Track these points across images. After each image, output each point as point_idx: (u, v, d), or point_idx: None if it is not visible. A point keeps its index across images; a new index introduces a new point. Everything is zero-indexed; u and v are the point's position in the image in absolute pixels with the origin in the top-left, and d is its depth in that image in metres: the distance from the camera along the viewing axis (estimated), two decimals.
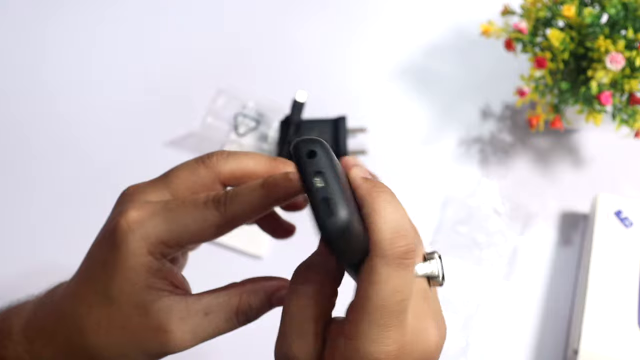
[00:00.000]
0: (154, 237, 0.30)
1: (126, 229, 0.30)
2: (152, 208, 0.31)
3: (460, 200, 0.63)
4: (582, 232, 0.62)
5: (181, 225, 0.30)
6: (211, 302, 0.32)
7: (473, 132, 0.68)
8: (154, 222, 0.30)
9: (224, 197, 0.31)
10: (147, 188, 0.33)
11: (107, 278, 0.30)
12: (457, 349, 0.57)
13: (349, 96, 0.71)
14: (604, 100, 0.56)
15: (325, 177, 0.27)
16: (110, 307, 0.30)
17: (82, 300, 0.31)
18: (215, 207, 0.31)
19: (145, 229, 0.30)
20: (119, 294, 0.30)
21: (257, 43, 0.75)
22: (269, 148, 0.66)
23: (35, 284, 0.37)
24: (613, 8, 0.56)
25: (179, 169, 0.33)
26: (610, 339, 0.52)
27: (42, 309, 0.33)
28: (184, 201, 0.31)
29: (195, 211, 0.30)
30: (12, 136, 0.69)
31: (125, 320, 0.30)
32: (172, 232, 0.30)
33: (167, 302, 0.31)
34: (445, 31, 0.75)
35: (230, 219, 0.31)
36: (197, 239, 0.31)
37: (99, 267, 0.31)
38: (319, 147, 0.28)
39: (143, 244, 0.30)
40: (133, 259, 0.30)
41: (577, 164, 0.66)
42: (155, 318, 0.30)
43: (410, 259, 0.28)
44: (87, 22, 0.77)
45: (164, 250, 0.31)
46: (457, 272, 0.60)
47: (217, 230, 0.31)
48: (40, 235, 0.64)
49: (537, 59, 0.57)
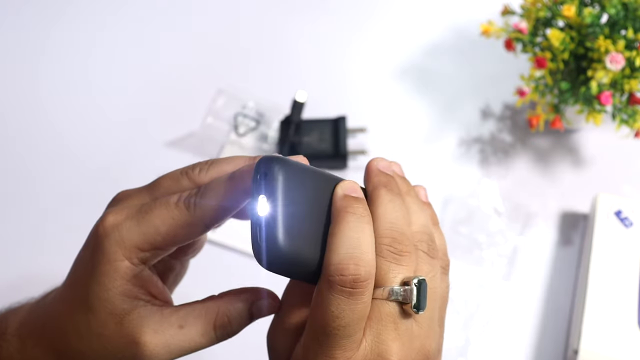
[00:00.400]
0: (128, 240, 0.30)
1: (102, 233, 0.30)
2: (128, 212, 0.30)
3: (461, 200, 0.63)
4: (582, 232, 0.62)
5: (152, 227, 0.30)
6: (187, 314, 0.31)
7: (473, 132, 0.68)
8: (127, 225, 0.30)
9: (194, 196, 0.30)
10: (132, 194, 0.33)
11: (87, 284, 0.30)
12: (456, 349, 0.57)
13: (349, 96, 0.71)
14: (604, 100, 0.55)
15: (269, 201, 0.27)
16: (88, 313, 0.30)
17: (66, 304, 0.31)
18: (185, 206, 0.30)
19: (120, 233, 0.30)
20: (95, 300, 0.30)
21: (257, 43, 0.75)
22: (269, 148, 0.66)
23: (34, 286, 0.37)
24: (613, 8, 0.56)
25: (164, 178, 0.33)
26: (610, 339, 0.52)
27: (35, 311, 0.34)
28: (155, 202, 0.31)
29: (166, 212, 0.30)
30: (12, 136, 0.69)
31: (102, 327, 0.30)
32: (145, 235, 0.30)
33: (142, 312, 0.30)
34: (445, 31, 0.75)
35: (200, 216, 0.30)
36: (171, 240, 0.30)
37: (82, 272, 0.31)
38: (275, 167, 0.27)
39: (117, 249, 0.30)
40: (108, 264, 0.30)
41: (577, 164, 0.66)
42: (128, 328, 0.30)
43: (358, 288, 0.27)
44: (87, 23, 0.77)
45: (140, 255, 0.30)
46: (457, 272, 0.60)
47: (188, 230, 0.30)
48: (41, 235, 0.63)
49: (537, 59, 0.57)
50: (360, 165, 0.66)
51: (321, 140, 0.65)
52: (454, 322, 0.57)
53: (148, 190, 0.33)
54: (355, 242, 0.27)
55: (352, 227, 0.28)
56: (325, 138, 0.65)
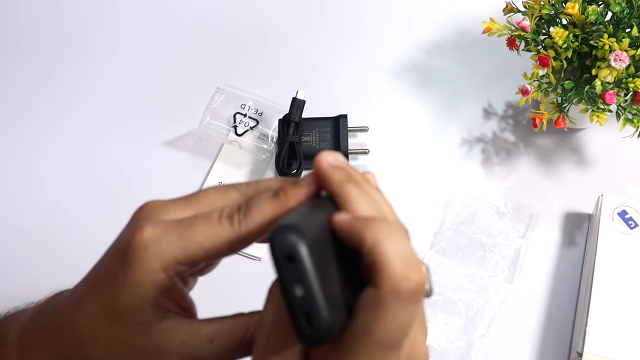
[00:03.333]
0: (169, 254, 0.29)
1: (140, 245, 0.29)
2: (167, 225, 0.30)
3: (463, 200, 0.63)
4: (586, 233, 0.62)
5: (195, 242, 0.29)
6: (216, 329, 0.31)
7: (475, 132, 0.68)
8: (169, 239, 0.29)
9: (238, 212, 0.30)
10: (167, 206, 0.32)
11: (115, 292, 0.30)
12: (459, 351, 0.56)
13: (349, 96, 0.70)
14: (609, 99, 0.55)
15: (306, 285, 0.25)
16: (113, 321, 0.30)
17: (85, 310, 0.31)
18: (229, 223, 0.30)
19: (160, 246, 0.29)
20: (125, 309, 0.29)
21: (256, 42, 0.75)
22: (268, 147, 0.65)
23: (34, 288, 0.37)
24: (618, 5, 0.55)
25: (209, 190, 0.32)
26: (614, 342, 0.51)
27: (40, 316, 0.33)
28: (197, 218, 0.30)
29: (209, 228, 0.29)
30: (12, 136, 0.69)
31: (127, 337, 0.30)
32: (186, 250, 0.29)
33: (172, 323, 0.30)
34: (447, 29, 0.75)
35: (245, 235, 0.30)
36: (212, 256, 0.30)
37: (108, 280, 0.30)
38: (299, 245, 0.25)
39: (157, 261, 0.29)
40: (145, 275, 0.29)
41: (581, 163, 0.65)
42: (157, 338, 0.30)
43: (422, 292, 0.26)
44: (87, 23, 0.77)
45: (177, 268, 0.30)
46: (459, 273, 0.59)
47: (232, 246, 0.30)
48: (41, 236, 0.63)
49: (540, 57, 0.57)
50: (361, 164, 0.65)
51: (321, 139, 0.64)
52: (456, 324, 0.57)
53: (187, 202, 0.32)
54: (405, 246, 0.26)
55: (392, 232, 0.26)
56: (325, 137, 0.64)
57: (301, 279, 0.25)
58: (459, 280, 0.59)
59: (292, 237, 0.25)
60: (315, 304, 0.25)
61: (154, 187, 0.65)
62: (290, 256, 0.25)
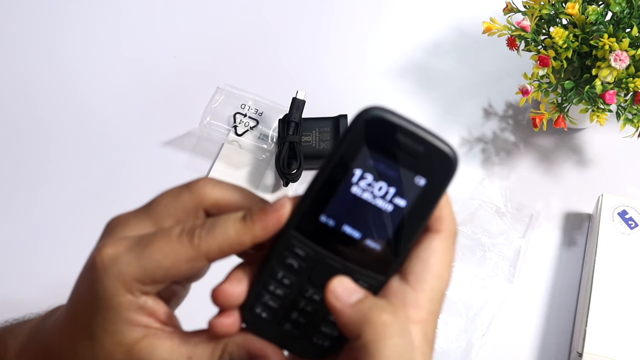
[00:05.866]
0: (128, 275, 0.29)
1: (100, 267, 0.29)
2: (126, 244, 0.29)
3: (463, 200, 0.63)
4: (586, 233, 0.62)
5: (154, 261, 0.29)
6: (197, 344, 0.30)
7: (475, 132, 0.68)
8: (127, 259, 0.29)
9: (199, 229, 0.29)
10: (129, 219, 0.31)
11: (89, 315, 0.30)
12: (459, 351, 0.56)
13: (349, 96, 0.70)
14: (609, 99, 0.55)
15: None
16: (93, 344, 0.30)
17: (66, 334, 0.31)
18: (188, 239, 0.29)
19: (119, 268, 0.29)
20: (101, 332, 0.29)
21: (257, 42, 0.75)
22: (268, 147, 0.65)
23: (33, 289, 0.37)
24: (618, 5, 0.55)
25: (162, 196, 0.31)
26: (614, 342, 0.51)
27: (36, 336, 0.33)
28: (156, 235, 0.29)
29: (168, 245, 0.29)
30: (12, 135, 0.69)
31: (108, 357, 0.30)
32: (145, 270, 0.29)
33: (152, 341, 0.30)
34: (447, 29, 0.75)
35: (204, 253, 0.29)
36: (173, 274, 0.29)
37: (82, 304, 0.30)
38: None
39: (118, 284, 0.29)
40: (111, 299, 0.29)
41: (581, 163, 0.65)
42: (137, 357, 0.29)
43: None
44: (87, 23, 0.77)
45: (142, 289, 0.29)
46: (460, 273, 0.59)
47: (191, 264, 0.29)
48: (41, 237, 0.63)
49: (541, 57, 0.57)
50: None
51: (321, 139, 0.64)
52: (456, 324, 0.57)
53: (146, 212, 0.31)
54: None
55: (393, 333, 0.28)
56: (325, 137, 0.64)
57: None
58: (459, 281, 0.59)
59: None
60: None
61: (154, 187, 0.65)
62: None
